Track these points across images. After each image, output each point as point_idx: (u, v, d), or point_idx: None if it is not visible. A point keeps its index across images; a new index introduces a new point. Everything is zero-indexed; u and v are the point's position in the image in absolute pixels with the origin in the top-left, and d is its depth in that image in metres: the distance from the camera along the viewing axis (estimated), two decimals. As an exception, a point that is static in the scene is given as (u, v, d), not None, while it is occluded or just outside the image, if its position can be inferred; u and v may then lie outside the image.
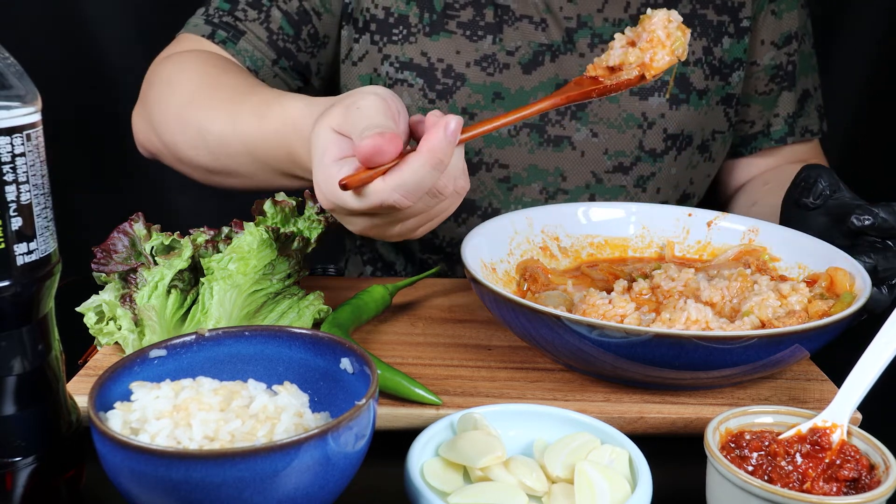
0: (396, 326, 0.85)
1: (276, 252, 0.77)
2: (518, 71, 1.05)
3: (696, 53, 1.08)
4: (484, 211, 1.09)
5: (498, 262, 0.84)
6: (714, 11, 1.09)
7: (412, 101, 1.06)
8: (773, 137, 1.19)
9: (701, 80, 1.09)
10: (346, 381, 0.60)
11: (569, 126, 1.06)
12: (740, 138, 1.21)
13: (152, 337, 0.72)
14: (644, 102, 1.07)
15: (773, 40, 1.14)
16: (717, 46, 1.09)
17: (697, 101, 1.09)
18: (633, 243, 0.93)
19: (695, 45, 1.08)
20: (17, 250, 0.52)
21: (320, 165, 0.67)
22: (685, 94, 1.08)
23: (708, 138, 1.13)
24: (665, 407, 0.70)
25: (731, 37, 1.10)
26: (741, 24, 1.10)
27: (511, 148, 1.07)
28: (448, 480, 0.57)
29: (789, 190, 0.90)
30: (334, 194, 0.66)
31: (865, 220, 0.80)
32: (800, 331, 0.65)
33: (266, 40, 1.02)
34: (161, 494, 0.48)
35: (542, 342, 0.71)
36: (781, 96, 1.17)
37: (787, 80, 1.17)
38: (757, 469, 0.56)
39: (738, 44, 1.10)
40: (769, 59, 1.15)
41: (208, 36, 1.02)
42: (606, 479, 0.55)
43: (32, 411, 0.55)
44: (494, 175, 1.08)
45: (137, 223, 0.78)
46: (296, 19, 1.03)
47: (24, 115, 0.51)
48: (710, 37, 1.09)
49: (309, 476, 0.50)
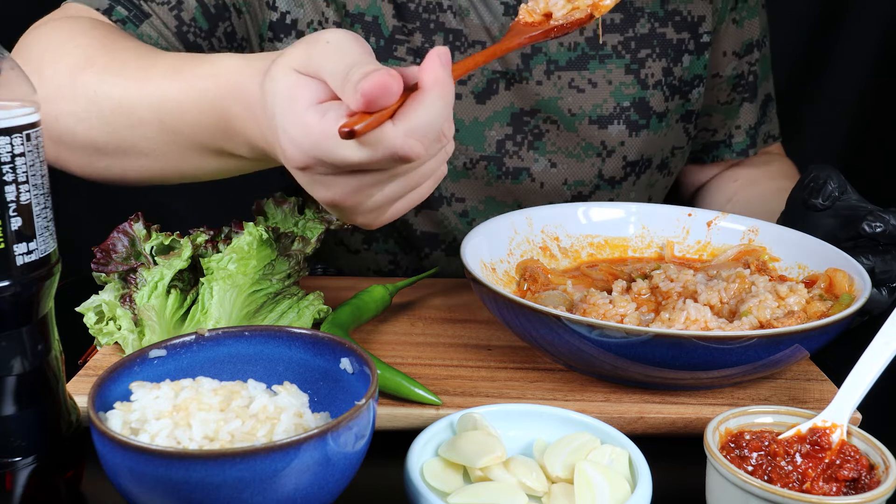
0: (396, 326, 0.85)
1: (276, 252, 0.77)
2: (471, 101, 1.00)
3: (656, 76, 1.04)
4: (448, 245, 1.07)
5: (498, 262, 0.85)
6: (674, 29, 1.04)
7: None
8: (735, 150, 1.17)
9: (661, 103, 1.05)
10: (345, 381, 0.60)
11: (527, 157, 1.03)
12: (702, 145, 1.19)
13: (152, 337, 0.72)
14: (603, 131, 1.03)
15: (735, 50, 1.11)
16: (678, 66, 1.05)
17: (657, 125, 1.05)
18: (633, 243, 0.93)
19: (654, 66, 1.04)
20: (17, 250, 0.52)
21: (289, 114, 0.57)
22: (645, 119, 1.04)
23: (667, 156, 1.10)
24: (665, 407, 0.70)
25: (690, 54, 1.06)
26: (701, 39, 1.06)
27: (467, 181, 1.04)
28: (448, 480, 0.57)
29: (796, 189, 0.89)
30: (319, 147, 0.56)
31: (877, 227, 0.79)
32: (800, 331, 0.65)
33: (174, 30, 0.88)
34: (161, 494, 0.48)
35: (541, 342, 0.71)
36: (742, 107, 1.15)
37: (749, 91, 1.14)
38: (757, 469, 0.56)
39: (699, 60, 1.07)
40: (731, 70, 1.12)
41: (104, 10, 0.86)
42: (606, 479, 0.55)
43: (32, 411, 0.55)
44: (454, 209, 1.05)
45: (137, 223, 0.78)
46: (212, 13, 0.90)
47: (23, 115, 0.51)
48: (670, 57, 1.04)
49: (309, 476, 0.50)
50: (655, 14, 1.03)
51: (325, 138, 0.55)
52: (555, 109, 1.01)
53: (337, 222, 0.84)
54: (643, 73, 1.03)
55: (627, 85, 1.03)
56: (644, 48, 1.03)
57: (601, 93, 1.02)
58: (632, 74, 1.02)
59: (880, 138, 1.61)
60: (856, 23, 1.58)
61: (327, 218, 0.84)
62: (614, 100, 1.02)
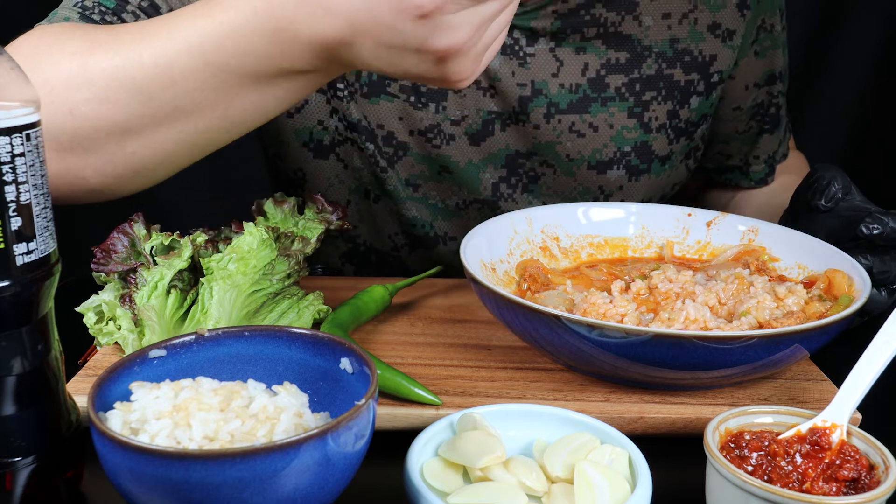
0: (396, 326, 0.85)
1: (276, 252, 0.77)
2: (465, 142, 0.98)
3: (660, 119, 0.99)
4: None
5: (498, 262, 0.85)
6: (682, 70, 0.99)
7: (364, 165, 0.99)
8: (753, 179, 1.15)
9: (664, 146, 1.01)
10: (345, 381, 0.60)
11: (521, 199, 1.01)
12: (714, 166, 1.16)
13: (152, 337, 0.72)
14: (602, 176, 1.00)
15: (756, 82, 1.07)
16: (684, 108, 1.01)
17: (659, 168, 1.02)
18: (633, 243, 0.93)
19: (658, 109, 0.99)
20: (17, 250, 0.52)
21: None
22: (646, 163, 1.01)
23: (667, 192, 1.08)
24: (665, 407, 0.70)
25: (699, 95, 1.01)
26: (711, 79, 1.00)
27: (459, 220, 1.03)
28: (448, 480, 0.57)
29: (800, 190, 0.89)
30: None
31: (875, 228, 0.79)
32: (799, 331, 0.65)
33: None
34: (161, 494, 0.48)
35: (541, 342, 0.71)
36: (762, 138, 1.12)
37: (770, 123, 1.11)
38: (756, 469, 0.56)
39: (707, 100, 1.02)
40: (751, 101, 1.08)
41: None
42: (606, 479, 0.55)
43: (32, 411, 0.55)
44: (450, 248, 1.04)
45: (137, 223, 0.78)
46: None
47: (23, 116, 0.51)
48: (676, 99, 0.99)
49: (308, 476, 0.50)
50: (664, 54, 0.97)
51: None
52: (552, 153, 0.99)
53: (337, 222, 0.84)
54: (647, 116, 0.99)
55: (630, 129, 0.99)
56: (649, 90, 0.98)
57: (601, 137, 0.98)
58: (635, 118, 0.98)
59: (880, 138, 1.62)
60: (856, 23, 1.58)
61: (327, 218, 0.84)
62: (615, 144, 0.99)
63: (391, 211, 1.03)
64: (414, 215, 1.02)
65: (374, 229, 1.05)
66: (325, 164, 1.01)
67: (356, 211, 1.05)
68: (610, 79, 0.97)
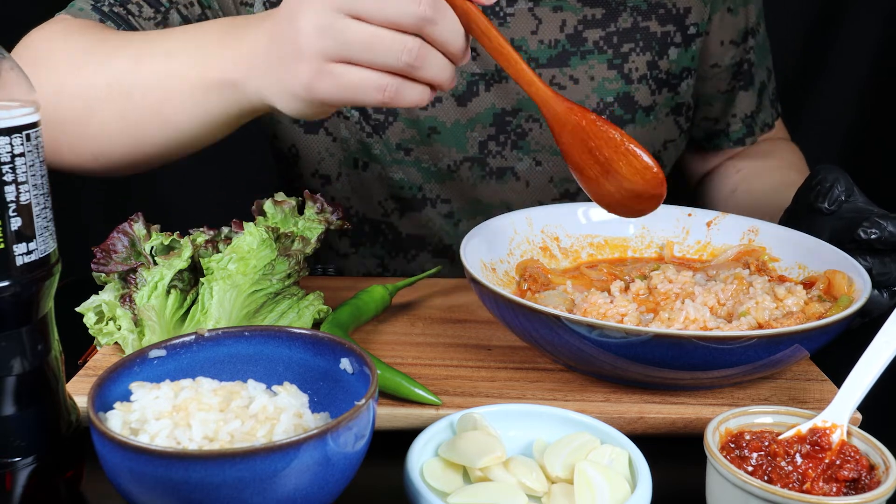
0: (396, 326, 0.85)
1: (276, 252, 0.77)
2: (452, 103, 1.01)
3: (640, 70, 1.03)
4: (434, 247, 1.07)
5: (498, 263, 0.84)
6: (658, 22, 1.03)
7: (350, 134, 1.03)
8: (732, 139, 1.18)
9: (647, 97, 1.04)
10: (345, 381, 0.60)
11: (510, 156, 1.03)
12: (704, 133, 1.20)
13: (152, 337, 0.72)
14: None
15: (732, 39, 1.10)
16: (663, 59, 1.04)
17: (644, 118, 1.04)
18: (633, 244, 0.93)
19: (637, 60, 1.02)
20: (17, 250, 0.52)
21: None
22: (630, 113, 1.03)
23: (659, 149, 1.10)
24: (665, 407, 0.70)
25: (677, 47, 1.04)
26: (688, 31, 1.04)
27: (452, 182, 1.04)
28: (448, 480, 0.57)
29: (802, 191, 0.89)
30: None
31: (872, 233, 0.79)
32: (800, 331, 0.65)
33: None
34: (161, 495, 0.48)
35: (541, 342, 0.71)
36: (738, 96, 1.15)
37: (744, 79, 1.14)
38: (757, 469, 0.56)
39: (686, 52, 1.05)
40: (730, 59, 1.12)
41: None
42: (606, 480, 0.55)
43: (32, 411, 0.55)
44: (439, 210, 1.05)
45: (137, 223, 0.78)
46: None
47: (23, 116, 0.51)
48: (655, 50, 1.03)
49: (308, 476, 0.50)
50: (638, 8, 1.02)
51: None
52: (535, 108, 1.00)
53: (337, 222, 0.84)
54: (626, 67, 1.02)
55: (610, 80, 1.02)
56: (627, 42, 1.02)
57: (583, 89, 1.01)
58: (615, 69, 1.02)
59: (880, 137, 1.62)
60: (855, 21, 1.58)
61: (327, 218, 0.84)
62: (597, 95, 1.02)
63: (378, 176, 1.05)
64: (401, 177, 1.04)
65: (365, 198, 1.07)
66: (315, 139, 1.04)
67: (347, 182, 1.07)
68: (588, 33, 1.00)
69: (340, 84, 0.65)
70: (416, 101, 0.67)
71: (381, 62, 0.64)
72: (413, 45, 0.63)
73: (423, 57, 0.64)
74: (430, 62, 0.65)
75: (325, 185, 1.07)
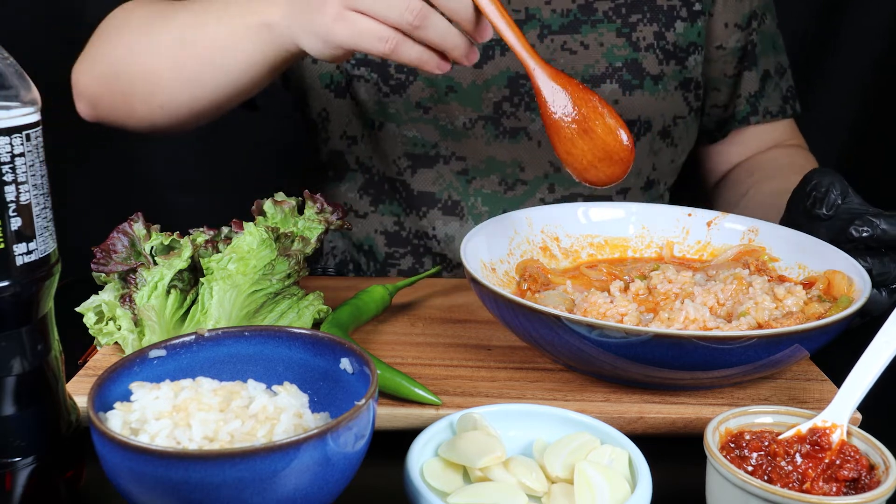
0: (396, 326, 0.85)
1: (276, 252, 0.77)
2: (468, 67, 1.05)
3: (647, 39, 1.08)
4: (444, 203, 1.11)
5: (498, 263, 0.85)
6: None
7: (368, 96, 1.08)
8: (737, 118, 1.20)
9: (654, 66, 1.08)
10: (345, 381, 0.60)
11: (524, 117, 1.07)
12: (715, 123, 1.21)
13: (152, 337, 0.72)
14: (596, 90, 1.06)
15: (737, 22, 1.14)
16: (670, 31, 1.09)
17: (653, 87, 1.09)
18: (633, 243, 0.93)
19: (645, 30, 1.08)
20: (17, 250, 0.52)
21: None
22: (638, 79, 1.08)
23: (669, 124, 1.13)
24: (665, 407, 0.70)
25: (683, 20, 1.09)
26: (693, 7, 1.10)
27: (467, 140, 1.08)
28: (448, 480, 0.57)
29: (798, 194, 0.89)
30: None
31: (864, 231, 0.80)
32: (800, 331, 0.65)
33: None
34: (161, 494, 0.48)
35: (541, 342, 0.71)
36: (742, 76, 1.18)
37: (748, 60, 1.17)
38: (757, 469, 0.56)
39: (692, 27, 1.10)
40: (735, 42, 1.15)
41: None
42: (606, 479, 0.55)
43: (32, 411, 0.55)
44: (452, 168, 1.09)
45: (137, 223, 0.78)
46: None
47: (23, 116, 0.51)
48: (661, 22, 1.08)
49: (308, 476, 0.50)
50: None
51: None
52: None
53: (337, 222, 0.85)
54: (634, 36, 1.07)
55: (619, 47, 1.07)
56: (635, 13, 1.08)
57: (593, 54, 1.06)
58: (623, 38, 1.07)
59: (882, 132, 1.61)
60: (858, 13, 1.58)
61: (327, 218, 0.84)
62: (606, 60, 1.07)
63: (394, 134, 1.10)
64: (414, 135, 1.10)
65: (382, 157, 1.13)
66: (343, 103, 1.12)
67: (369, 143, 1.13)
68: (598, 4, 1.07)
69: (353, 30, 0.74)
70: (414, 58, 0.75)
71: (385, 16, 0.72)
72: (416, 5, 0.72)
73: (425, 17, 0.72)
74: (432, 24, 0.73)
75: (352, 145, 1.14)
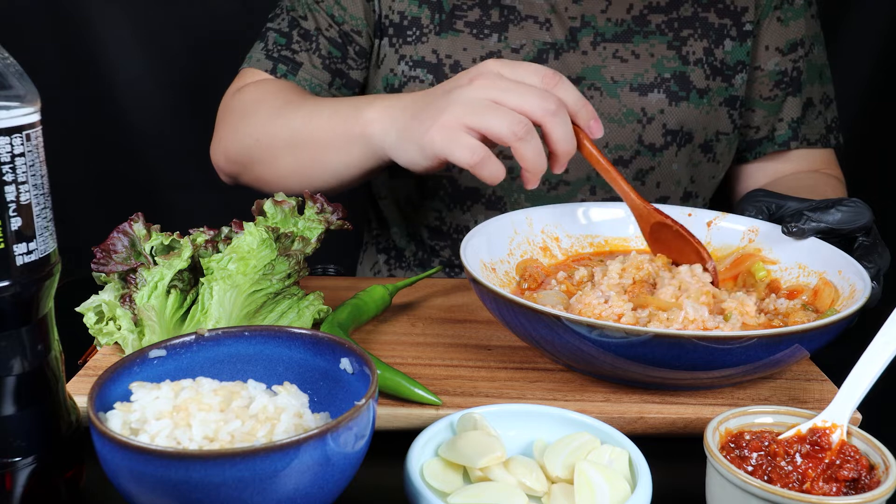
0: (396, 326, 0.85)
1: (276, 252, 0.77)
2: None
3: (697, 54, 1.12)
4: (487, 199, 1.13)
5: (498, 263, 0.85)
6: (716, 15, 1.13)
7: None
8: (777, 142, 1.21)
9: (701, 80, 1.12)
10: (345, 381, 0.60)
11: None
12: (746, 143, 1.22)
13: (152, 337, 0.72)
14: (643, 98, 1.10)
15: (779, 46, 1.17)
16: (719, 48, 1.12)
17: (698, 100, 1.12)
18: (633, 243, 0.93)
19: (695, 45, 1.11)
20: (17, 250, 0.52)
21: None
22: (685, 91, 1.11)
23: (711, 139, 1.15)
24: (665, 407, 0.70)
25: (732, 39, 1.13)
26: (744, 27, 1.14)
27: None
28: (448, 480, 0.57)
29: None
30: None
31: (793, 228, 0.82)
32: (800, 331, 0.65)
33: (321, 66, 1.13)
34: (161, 495, 0.48)
35: (541, 342, 0.71)
36: (786, 101, 1.19)
37: (792, 86, 1.19)
38: (757, 469, 0.56)
39: (741, 47, 1.14)
40: (774, 65, 1.17)
41: (270, 70, 1.13)
42: (606, 480, 0.55)
43: (32, 411, 0.55)
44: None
45: (137, 223, 0.78)
46: (339, 42, 1.14)
47: (23, 115, 0.51)
48: (712, 38, 1.12)
49: (308, 476, 0.50)
50: (699, 0, 1.13)
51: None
52: (598, 76, 1.11)
53: (337, 222, 0.84)
54: (685, 50, 1.12)
55: (669, 59, 1.11)
56: (686, 28, 1.12)
57: (643, 63, 1.11)
58: (674, 50, 1.11)
59: (881, 132, 1.61)
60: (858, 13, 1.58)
61: (327, 218, 0.84)
62: (655, 71, 1.11)
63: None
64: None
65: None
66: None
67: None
68: (651, 17, 1.12)
69: (451, 140, 0.79)
70: (486, 175, 0.79)
71: (498, 133, 0.78)
72: (526, 121, 0.78)
73: (529, 131, 0.78)
74: (532, 144, 0.78)
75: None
